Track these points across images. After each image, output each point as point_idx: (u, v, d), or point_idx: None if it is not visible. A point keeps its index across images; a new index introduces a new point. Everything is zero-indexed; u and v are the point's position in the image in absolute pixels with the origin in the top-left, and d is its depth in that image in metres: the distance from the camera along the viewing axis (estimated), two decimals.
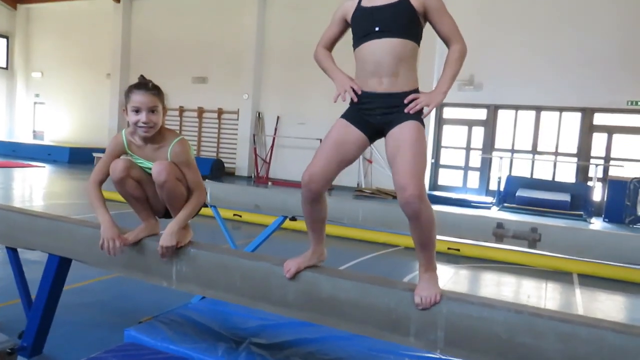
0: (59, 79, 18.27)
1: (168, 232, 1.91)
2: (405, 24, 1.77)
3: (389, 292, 1.57)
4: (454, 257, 5.91)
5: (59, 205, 8.09)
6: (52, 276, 2.25)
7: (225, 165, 14.51)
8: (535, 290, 5.02)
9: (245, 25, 14.39)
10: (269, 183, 13.29)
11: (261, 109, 14.62)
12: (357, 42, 1.86)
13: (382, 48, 1.77)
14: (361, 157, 12.94)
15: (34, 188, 10.01)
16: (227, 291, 1.89)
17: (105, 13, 16.62)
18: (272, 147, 14.22)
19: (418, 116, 1.84)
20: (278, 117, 14.30)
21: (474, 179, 12.51)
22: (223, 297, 1.93)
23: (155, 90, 1.98)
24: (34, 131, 19.11)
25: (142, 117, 1.93)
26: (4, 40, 18.90)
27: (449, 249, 6.02)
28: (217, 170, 13.64)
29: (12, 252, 2.45)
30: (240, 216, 7.13)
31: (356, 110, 1.89)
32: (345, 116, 1.92)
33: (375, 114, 1.84)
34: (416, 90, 1.85)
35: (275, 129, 14.29)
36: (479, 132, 12.39)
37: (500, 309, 1.43)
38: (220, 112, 15.16)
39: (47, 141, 18.05)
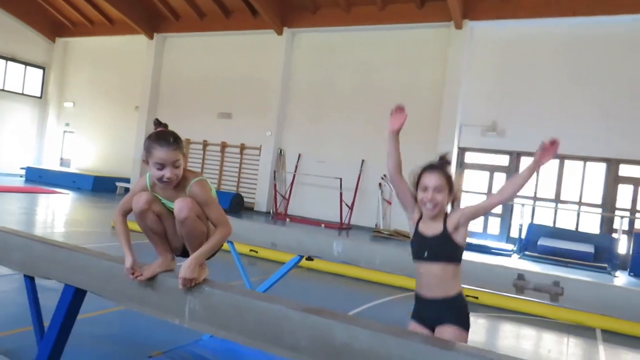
0: (89, 109, 18.86)
1: (189, 265, 1.90)
2: (447, 252, 2.27)
3: (405, 344, 1.52)
4: (472, 305, 5.74)
5: (79, 232, 8.19)
6: (66, 307, 2.25)
7: (245, 200, 14.59)
8: (556, 345, 4.84)
9: (272, 65, 14.74)
10: (287, 219, 13.28)
11: (283, 146, 14.78)
12: (414, 258, 2.33)
13: (429, 271, 2.27)
14: (380, 198, 12.89)
15: (57, 214, 10.18)
16: (239, 333, 1.86)
17: (138, 49, 17.23)
18: (292, 184, 14.29)
19: (462, 321, 2.26)
20: (299, 155, 14.42)
21: (494, 225, 12.31)
22: (235, 338, 1.90)
23: (176, 144, 1.98)
24: (61, 159, 19.61)
25: (167, 173, 1.96)
26: (41, 71, 19.67)
27: (466, 296, 5.87)
28: (236, 204, 13.72)
29: (30, 281, 2.46)
30: (257, 252, 7.11)
31: (417, 312, 2.34)
32: (414, 317, 2.34)
33: (427, 316, 2.29)
34: (459, 294, 2.29)
35: (296, 166, 14.39)
36: (501, 179, 12.27)
37: None
38: (242, 147, 15.38)
39: (72, 169, 18.48)
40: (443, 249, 2.28)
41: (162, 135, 1.99)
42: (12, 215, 9.06)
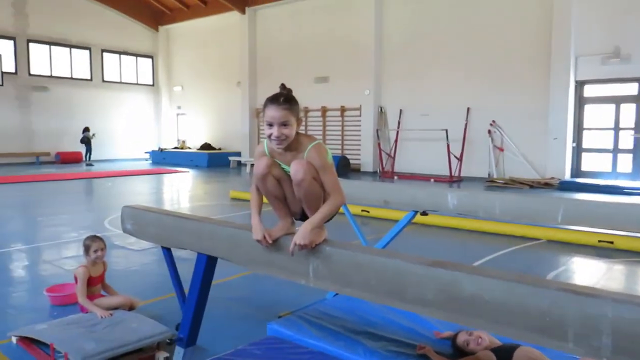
0: (196, 90, 19.99)
1: (303, 231, 1.95)
2: None
3: (541, 292, 1.43)
4: (607, 251, 5.32)
5: (202, 206, 8.81)
6: (201, 272, 2.43)
7: (351, 161, 14.69)
8: None
9: (362, 22, 14.43)
10: (395, 177, 13.17)
11: (383, 104, 14.55)
12: None
13: None
14: (491, 145, 12.26)
15: (181, 191, 11.03)
16: (362, 289, 1.87)
17: (233, 25, 17.77)
18: (396, 140, 14.08)
19: None
20: (400, 110, 14.11)
21: (625, 162, 11.17)
22: (359, 295, 1.92)
23: (286, 104, 2.04)
24: (177, 140, 21.14)
25: (274, 131, 2.02)
26: (150, 60, 21.12)
27: (599, 241, 5.44)
28: (343, 167, 13.87)
29: (167, 251, 2.69)
30: (368, 212, 7.15)
31: None
32: None
33: None
34: None
35: (399, 123, 14.12)
36: (629, 110, 11.03)
37: None
38: (342, 109, 15.38)
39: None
40: None
41: (275, 95, 2.07)
42: (144, 195, 9.98)
